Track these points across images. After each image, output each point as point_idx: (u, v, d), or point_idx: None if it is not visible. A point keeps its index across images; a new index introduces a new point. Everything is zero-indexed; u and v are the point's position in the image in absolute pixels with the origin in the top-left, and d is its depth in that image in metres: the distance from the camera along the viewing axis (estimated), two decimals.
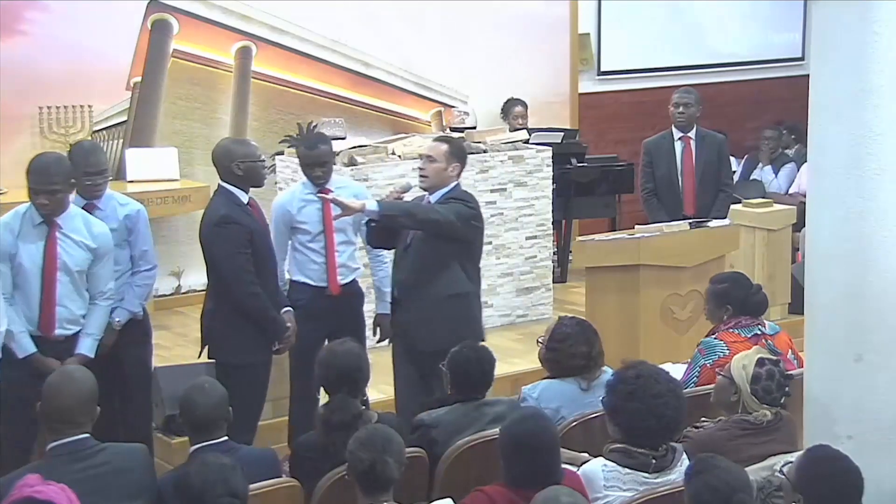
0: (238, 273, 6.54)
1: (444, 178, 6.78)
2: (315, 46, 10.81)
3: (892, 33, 4.89)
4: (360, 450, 4.53)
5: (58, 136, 9.68)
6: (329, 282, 7.12)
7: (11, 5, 9.57)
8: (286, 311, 6.78)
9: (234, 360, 6.58)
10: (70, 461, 4.79)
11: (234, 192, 6.63)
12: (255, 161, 6.67)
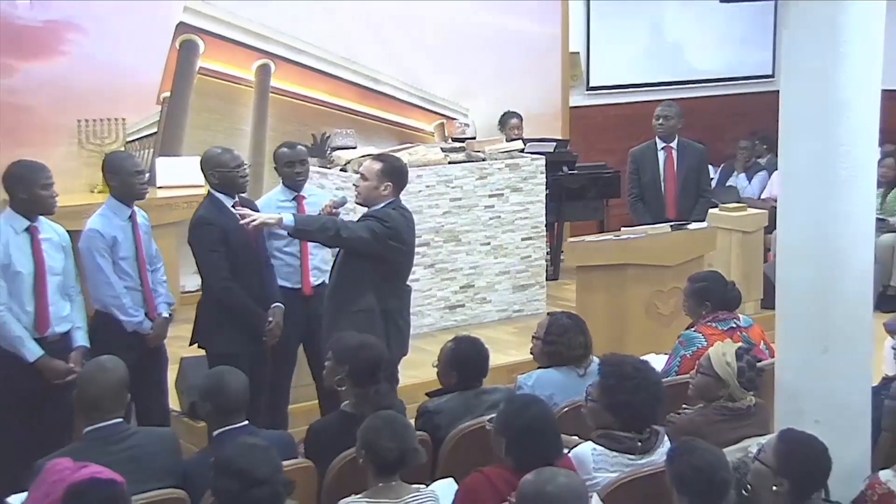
0: (211, 269, 6.53)
1: (374, 195, 6.52)
2: (328, 64, 10.82)
3: (857, 52, 4.89)
4: (385, 440, 4.52)
5: (94, 147, 9.67)
6: (303, 283, 7.09)
7: (53, 28, 9.59)
8: (275, 307, 6.70)
9: (219, 350, 6.55)
10: (104, 444, 4.79)
11: (219, 196, 6.60)
12: (229, 170, 6.60)
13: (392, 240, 6.42)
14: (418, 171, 9.19)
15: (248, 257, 6.59)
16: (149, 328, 6.50)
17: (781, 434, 4.54)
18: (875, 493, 4.55)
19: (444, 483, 4.98)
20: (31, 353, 6.01)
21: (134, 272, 6.47)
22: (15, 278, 5.99)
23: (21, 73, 9.52)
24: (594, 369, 5.46)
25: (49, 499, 3.92)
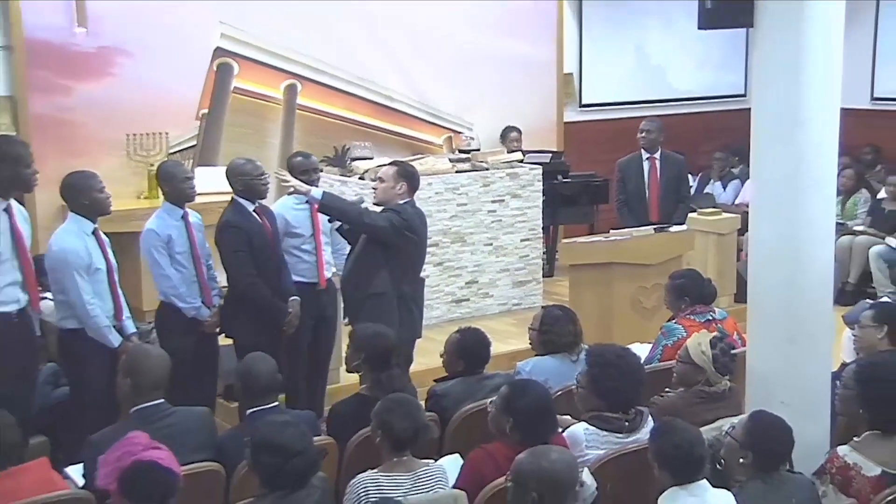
0: (237, 267, 6.51)
1: (391, 195, 6.63)
2: (348, 84, 10.80)
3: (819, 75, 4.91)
4: (401, 419, 4.50)
5: (140, 158, 9.68)
6: (318, 277, 7.08)
7: (105, 53, 9.60)
8: (293, 300, 6.69)
9: (243, 340, 6.56)
10: (148, 421, 4.79)
11: (242, 202, 6.61)
12: (251, 178, 6.61)
13: (407, 230, 6.54)
14: (428, 179, 9.18)
15: (267, 256, 6.60)
16: (207, 315, 6.53)
17: (751, 414, 4.57)
18: (834, 465, 4.56)
19: (451, 458, 4.97)
20: (116, 339, 6.02)
21: (189, 265, 6.48)
22: (95, 275, 6.00)
23: (76, 93, 9.52)
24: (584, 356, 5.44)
25: (119, 463, 3.93)
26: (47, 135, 9.23)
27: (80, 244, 5.95)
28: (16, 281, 5.78)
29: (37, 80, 9.35)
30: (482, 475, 4.53)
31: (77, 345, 6.00)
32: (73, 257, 5.90)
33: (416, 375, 6.49)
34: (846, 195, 10.93)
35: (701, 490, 4.17)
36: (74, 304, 5.92)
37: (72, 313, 5.96)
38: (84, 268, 5.92)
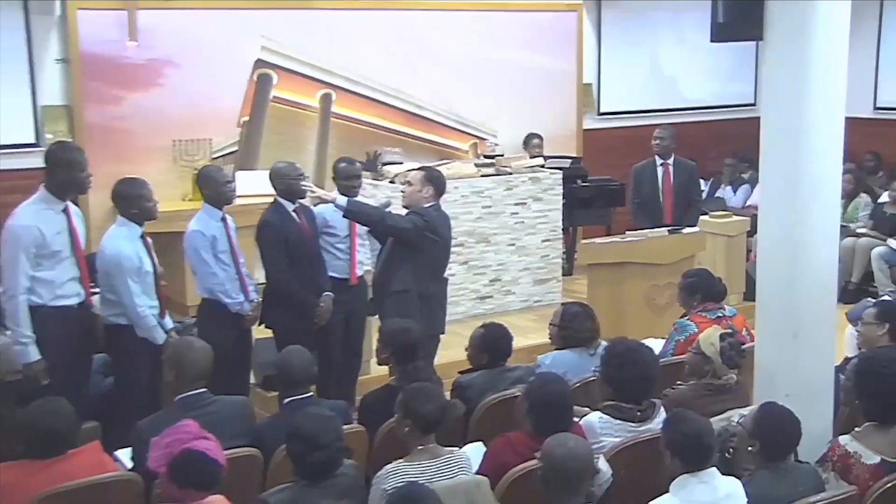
0: (272, 263, 6.56)
1: (418, 198, 6.67)
2: (380, 93, 10.81)
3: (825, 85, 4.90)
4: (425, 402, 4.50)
5: (185, 163, 9.73)
6: (351, 274, 7.09)
7: (154, 65, 9.66)
8: (325, 295, 6.70)
9: (280, 330, 6.63)
10: (192, 409, 4.81)
11: (283, 202, 6.65)
12: (291, 180, 6.65)
13: (428, 232, 6.54)
14: (455, 183, 9.20)
15: (303, 253, 6.62)
16: (248, 310, 6.55)
17: (762, 406, 4.55)
18: (835, 454, 4.56)
19: (474, 446, 4.98)
20: (161, 337, 6.04)
21: (230, 264, 6.50)
22: (144, 278, 6.02)
23: (127, 102, 9.57)
24: (601, 351, 5.44)
25: (169, 449, 3.95)
26: (100, 141, 9.29)
27: (132, 250, 5.98)
28: (75, 276, 5.85)
29: (91, 91, 9.42)
30: (504, 462, 4.53)
31: (124, 340, 6.03)
32: (126, 262, 5.93)
33: (441, 368, 6.50)
34: (848, 199, 10.87)
35: (710, 477, 4.16)
36: (126, 305, 5.94)
37: (121, 311, 5.99)
38: (135, 271, 5.95)
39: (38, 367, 5.64)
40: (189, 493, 3.93)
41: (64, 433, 4.54)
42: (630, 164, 9.90)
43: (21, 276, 5.62)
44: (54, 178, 5.81)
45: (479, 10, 11.19)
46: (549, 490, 3.92)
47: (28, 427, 4.54)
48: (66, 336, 5.80)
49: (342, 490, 4.21)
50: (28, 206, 5.78)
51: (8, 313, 5.66)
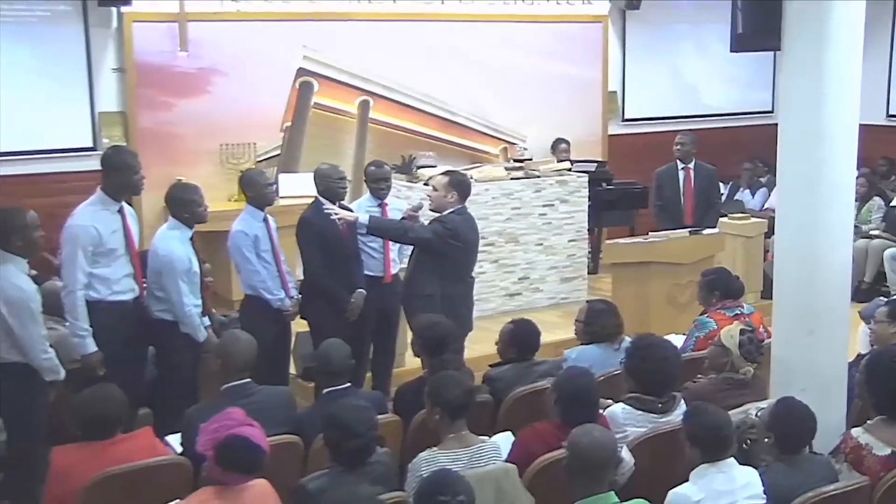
0: (308, 259, 6.58)
1: (443, 203, 6.57)
2: (415, 100, 10.83)
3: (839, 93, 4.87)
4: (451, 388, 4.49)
5: (232, 165, 9.78)
6: (385, 272, 7.09)
7: (203, 73, 9.73)
8: (358, 292, 6.68)
9: (316, 323, 6.64)
10: (236, 398, 4.82)
11: (323, 201, 6.64)
12: (332, 181, 6.66)
13: (451, 239, 6.45)
14: (486, 186, 9.21)
15: (339, 251, 6.61)
16: (289, 306, 6.56)
17: (779, 400, 4.54)
18: (848, 445, 4.55)
19: (503, 435, 4.97)
20: (203, 335, 6.07)
21: (272, 262, 6.52)
22: (192, 278, 6.04)
23: (177, 109, 9.65)
24: (626, 346, 5.42)
25: (216, 434, 3.97)
26: (152, 145, 9.35)
27: (184, 252, 6.00)
28: (129, 273, 5.89)
29: (144, 98, 9.49)
30: (532, 451, 4.53)
31: (169, 334, 6.05)
32: (179, 264, 5.96)
33: (472, 361, 6.47)
34: (862, 202, 10.80)
35: (728, 467, 4.16)
36: (174, 303, 5.96)
37: (167, 307, 6.01)
38: (185, 272, 5.97)
39: (95, 359, 5.68)
40: (234, 475, 3.95)
41: (113, 417, 4.58)
42: (653, 168, 9.85)
43: (79, 272, 5.66)
44: (110, 180, 5.85)
45: (510, 21, 11.18)
46: (575, 478, 3.92)
47: (81, 411, 4.60)
48: (122, 329, 5.84)
49: (376, 476, 4.22)
50: (86, 206, 5.82)
51: (67, 307, 5.70)
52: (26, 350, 5.32)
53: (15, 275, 5.31)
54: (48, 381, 5.42)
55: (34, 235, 5.41)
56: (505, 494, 4.26)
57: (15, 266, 5.33)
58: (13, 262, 5.33)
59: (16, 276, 5.31)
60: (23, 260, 5.39)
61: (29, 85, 9.02)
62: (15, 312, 5.27)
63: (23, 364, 5.36)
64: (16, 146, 8.99)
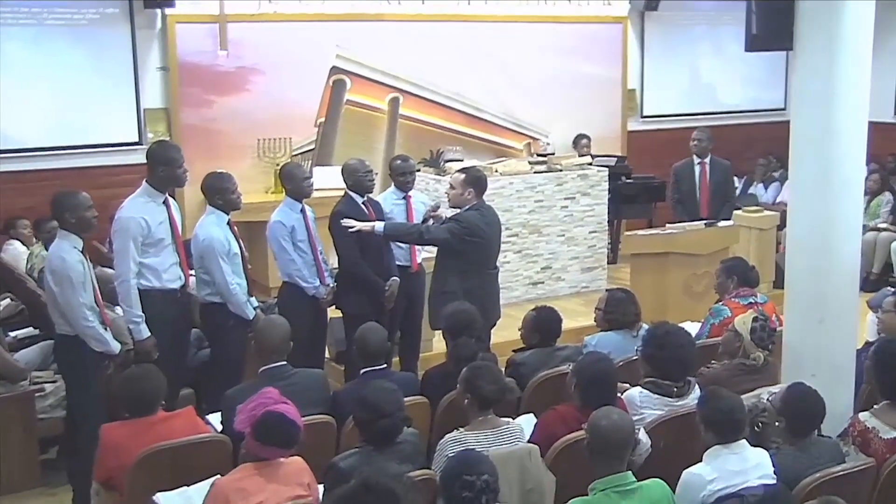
0: (345, 251, 6.56)
1: (461, 200, 6.49)
2: (443, 97, 10.86)
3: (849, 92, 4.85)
4: (486, 382, 4.50)
5: (268, 159, 9.83)
6: (412, 261, 7.10)
7: (242, 72, 9.81)
8: (392, 280, 6.70)
9: (349, 311, 6.66)
10: (273, 380, 4.84)
11: (353, 195, 6.67)
12: (361, 175, 6.66)
13: (468, 236, 6.36)
14: (510, 179, 9.22)
15: (372, 242, 6.59)
16: (324, 293, 6.58)
17: (790, 386, 4.53)
18: (855, 429, 4.54)
19: (526, 417, 4.99)
20: (251, 312, 6.13)
21: (308, 251, 6.54)
22: (233, 259, 6.09)
23: (217, 106, 9.72)
24: (643, 333, 5.42)
25: (253, 412, 4.01)
26: (194, 140, 9.43)
27: (221, 234, 6.06)
28: (176, 262, 5.94)
29: (187, 96, 9.57)
30: (553, 432, 4.54)
31: (218, 316, 6.11)
32: (218, 245, 6.01)
33: (497, 346, 6.52)
34: (871, 196, 10.73)
35: (740, 448, 4.16)
36: (218, 283, 6.02)
37: (214, 290, 6.07)
38: (225, 253, 6.03)
39: (149, 344, 5.73)
40: (271, 450, 3.99)
41: (152, 395, 4.65)
42: (670, 163, 9.82)
43: (131, 262, 5.71)
44: (155, 173, 5.90)
45: (534, 21, 11.17)
46: (595, 458, 3.93)
47: (122, 390, 4.69)
48: (171, 315, 5.90)
49: (405, 456, 4.24)
50: (133, 199, 5.88)
51: (121, 296, 5.75)
52: (70, 319, 5.40)
53: (63, 248, 5.40)
54: (101, 355, 5.47)
55: (86, 214, 5.46)
56: (528, 473, 4.28)
57: (68, 242, 5.41)
58: (67, 238, 5.42)
59: (62, 250, 5.39)
60: (77, 238, 5.45)
61: (79, 83, 9.13)
62: (57, 281, 5.36)
63: (74, 335, 5.44)
64: (68, 141, 9.12)
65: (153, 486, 4.33)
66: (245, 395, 4.35)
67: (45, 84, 9.00)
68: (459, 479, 3.60)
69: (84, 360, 5.45)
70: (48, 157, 9.02)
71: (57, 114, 9.03)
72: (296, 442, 4.05)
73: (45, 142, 9.03)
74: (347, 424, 4.75)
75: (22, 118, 8.91)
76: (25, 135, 8.95)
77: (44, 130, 9.02)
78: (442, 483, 3.71)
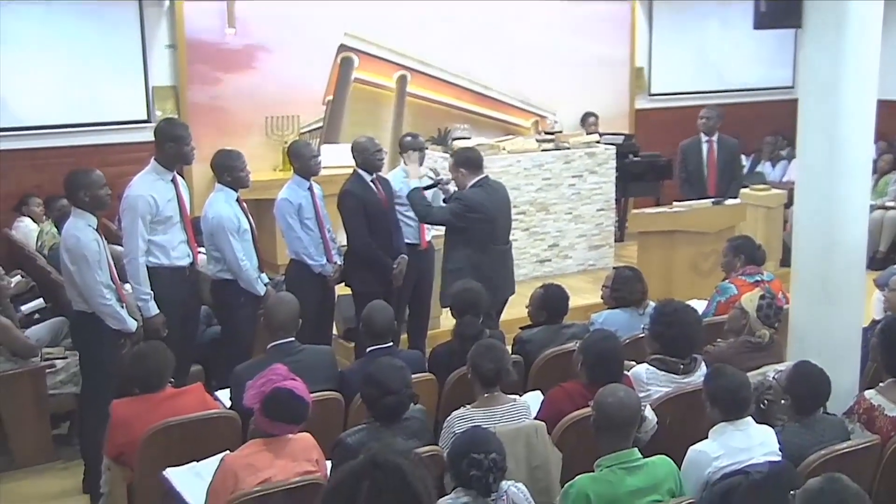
0: (354, 229, 6.57)
1: (461, 181, 6.49)
2: (451, 75, 10.82)
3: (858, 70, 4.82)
4: (484, 361, 4.53)
5: (276, 137, 9.82)
6: (420, 239, 7.11)
7: (249, 50, 9.78)
8: (401, 258, 6.71)
9: (358, 289, 6.68)
10: (282, 356, 4.88)
11: (362, 173, 6.66)
12: (370, 154, 6.65)
13: (469, 213, 6.35)
14: (518, 157, 9.22)
15: (381, 220, 6.63)
16: (330, 271, 6.59)
17: (797, 364, 4.52)
18: (861, 406, 4.55)
19: (533, 394, 5.02)
20: (262, 289, 6.15)
21: (315, 229, 6.55)
22: (243, 236, 6.11)
23: (225, 84, 9.70)
24: (650, 310, 5.43)
25: (262, 388, 4.03)
26: (203, 118, 9.44)
27: (230, 211, 6.08)
28: (184, 239, 5.95)
29: (195, 73, 9.56)
30: (560, 409, 4.56)
31: (229, 292, 6.14)
32: (227, 223, 6.03)
33: (504, 324, 6.54)
34: (880, 175, 10.71)
35: (746, 425, 4.17)
36: (229, 260, 6.04)
37: (225, 267, 6.10)
38: (235, 230, 6.05)
39: (158, 321, 5.75)
40: (280, 425, 4.02)
41: (159, 370, 4.69)
42: (678, 141, 9.79)
43: (139, 239, 5.72)
44: (163, 151, 5.90)
45: (543, 0, 11.10)
46: (601, 435, 3.95)
47: (130, 366, 4.74)
48: (179, 293, 5.92)
49: (412, 432, 4.27)
50: (142, 176, 5.88)
51: (130, 273, 5.76)
52: (86, 297, 5.42)
53: (77, 227, 5.42)
54: (117, 332, 5.50)
55: (100, 192, 5.47)
56: (535, 450, 4.30)
57: (83, 220, 5.43)
58: (82, 216, 5.44)
59: (77, 228, 5.41)
60: (91, 216, 5.47)
61: (88, 61, 9.11)
62: (73, 259, 5.39)
63: (90, 313, 5.47)
64: (77, 119, 9.12)
65: (163, 461, 4.36)
66: (254, 372, 4.38)
67: (53, 62, 8.99)
68: (467, 457, 3.62)
69: (101, 337, 5.48)
70: (57, 134, 9.02)
71: (65, 91, 9.03)
72: (304, 418, 4.07)
73: (54, 119, 9.03)
74: (355, 402, 4.78)
75: (30, 96, 8.90)
76: (34, 112, 8.94)
77: (52, 108, 9.02)
78: (450, 461, 3.73)
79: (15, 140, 8.85)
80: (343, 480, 2.40)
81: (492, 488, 3.63)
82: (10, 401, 6.13)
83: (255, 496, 3.80)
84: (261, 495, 3.82)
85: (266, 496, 3.83)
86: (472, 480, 3.61)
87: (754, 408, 4.33)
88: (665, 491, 3.89)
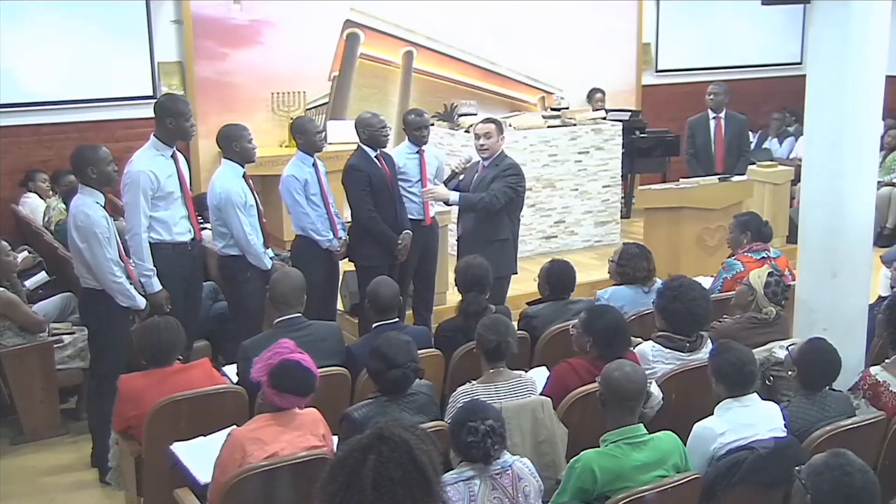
0: (359, 204, 6.57)
1: (497, 147, 6.71)
2: (458, 51, 10.80)
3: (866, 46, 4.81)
4: (488, 333, 4.54)
5: (282, 113, 9.83)
6: (425, 214, 7.11)
7: (255, 25, 9.77)
8: (405, 233, 6.72)
9: (363, 263, 6.69)
10: (289, 331, 4.89)
11: (366, 149, 6.66)
12: (375, 129, 6.64)
13: (522, 182, 6.71)
14: (524, 133, 9.20)
15: (385, 195, 6.64)
16: (337, 246, 6.60)
17: (809, 340, 4.52)
18: (866, 382, 4.55)
19: (539, 370, 5.03)
20: (269, 263, 6.17)
21: (321, 205, 6.56)
22: (249, 211, 6.11)
23: (231, 59, 9.69)
24: (656, 287, 5.43)
25: (270, 362, 4.04)
26: (209, 93, 9.44)
27: (238, 186, 6.08)
28: (185, 215, 5.95)
29: (201, 49, 9.55)
30: (566, 385, 4.57)
31: (235, 268, 6.15)
32: (234, 197, 6.04)
33: (511, 300, 6.55)
34: (888, 151, 10.66)
35: (751, 401, 4.17)
36: (236, 235, 6.05)
37: (232, 242, 6.11)
38: (242, 205, 6.05)
39: (162, 296, 5.76)
40: (288, 398, 4.02)
41: (169, 345, 4.70)
42: (685, 117, 9.77)
43: (141, 215, 5.72)
44: (163, 126, 5.88)
45: None
46: (607, 410, 3.95)
47: (139, 340, 4.74)
48: (181, 268, 5.92)
49: (418, 406, 4.28)
50: (142, 153, 5.87)
51: (133, 249, 5.77)
52: (96, 274, 5.43)
53: (86, 203, 5.42)
54: (126, 309, 5.52)
55: (108, 169, 5.48)
56: (541, 424, 4.31)
57: (91, 197, 5.44)
58: (89, 193, 5.45)
59: (85, 205, 5.42)
60: (99, 193, 5.48)
61: (93, 36, 9.10)
62: (83, 237, 5.40)
63: (100, 290, 5.48)
64: (83, 94, 9.11)
65: (170, 435, 4.39)
66: (261, 347, 4.39)
67: (59, 37, 8.97)
68: (465, 426, 3.63)
69: (109, 313, 5.50)
70: (63, 110, 9.03)
71: (71, 67, 9.02)
72: (312, 390, 4.08)
73: (60, 95, 9.03)
74: (361, 377, 4.79)
75: (36, 71, 8.90)
76: (40, 88, 8.94)
77: (58, 84, 9.01)
78: (450, 433, 3.74)
79: (21, 115, 8.86)
80: (349, 454, 2.41)
81: (491, 453, 3.61)
82: (19, 375, 6.17)
83: (262, 470, 3.83)
84: (268, 469, 3.84)
85: (273, 470, 3.85)
86: (471, 447, 3.61)
87: (760, 384, 4.33)
88: (670, 466, 3.90)
